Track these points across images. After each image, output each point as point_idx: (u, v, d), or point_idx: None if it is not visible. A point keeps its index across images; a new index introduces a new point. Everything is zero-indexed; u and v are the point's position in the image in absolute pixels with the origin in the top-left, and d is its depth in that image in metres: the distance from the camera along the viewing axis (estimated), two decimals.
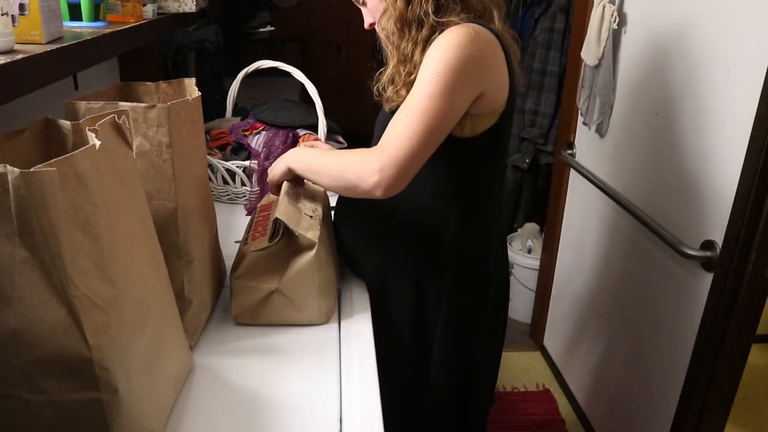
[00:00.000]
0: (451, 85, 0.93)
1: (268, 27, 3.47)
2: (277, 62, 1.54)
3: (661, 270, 1.58)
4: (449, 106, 0.94)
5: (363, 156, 0.96)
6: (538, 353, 2.47)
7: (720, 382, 1.39)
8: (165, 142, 0.84)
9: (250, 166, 1.49)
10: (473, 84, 0.96)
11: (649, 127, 1.63)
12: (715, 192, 1.36)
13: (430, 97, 0.92)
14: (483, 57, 0.95)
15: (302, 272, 0.98)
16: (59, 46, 0.84)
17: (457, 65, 0.92)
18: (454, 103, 0.94)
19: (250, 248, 1.00)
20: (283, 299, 1.00)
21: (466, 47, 0.93)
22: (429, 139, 0.93)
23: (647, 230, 1.58)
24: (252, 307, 1.00)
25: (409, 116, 0.93)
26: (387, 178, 0.92)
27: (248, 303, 1.00)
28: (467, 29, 0.94)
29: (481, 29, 0.96)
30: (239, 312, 1.01)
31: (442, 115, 0.93)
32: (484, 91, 0.97)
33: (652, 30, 1.61)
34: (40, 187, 0.55)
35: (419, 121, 0.92)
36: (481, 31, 0.96)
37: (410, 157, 0.92)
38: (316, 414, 0.84)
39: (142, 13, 1.30)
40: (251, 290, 0.99)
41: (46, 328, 0.58)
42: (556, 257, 2.31)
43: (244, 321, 1.02)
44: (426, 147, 0.94)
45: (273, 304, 1.00)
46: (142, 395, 0.70)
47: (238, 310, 1.01)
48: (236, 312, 1.01)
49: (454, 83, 0.93)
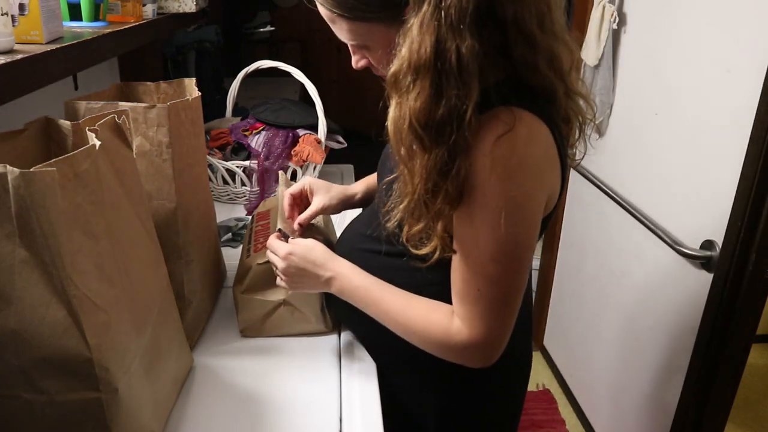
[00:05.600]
0: (519, 231, 0.71)
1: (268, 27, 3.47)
2: (277, 62, 1.54)
3: (661, 270, 1.58)
4: (524, 255, 0.74)
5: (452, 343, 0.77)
6: (538, 353, 2.47)
7: (720, 382, 1.39)
8: (165, 142, 0.84)
9: (250, 166, 1.49)
10: (540, 206, 0.73)
11: (649, 127, 1.62)
12: (715, 192, 1.36)
13: (498, 261, 0.71)
14: (540, 168, 0.71)
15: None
16: (59, 46, 0.84)
17: (521, 202, 0.69)
18: (529, 244, 0.73)
19: (255, 261, 0.98)
20: (290, 311, 0.98)
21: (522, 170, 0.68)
22: (514, 297, 0.75)
23: (647, 230, 1.58)
24: (259, 320, 0.99)
25: (482, 290, 0.73)
26: (493, 357, 0.78)
27: (255, 316, 0.99)
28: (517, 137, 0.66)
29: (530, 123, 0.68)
30: (246, 326, 1.00)
31: (520, 269, 0.74)
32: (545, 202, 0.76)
33: (652, 30, 1.61)
34: (40, 187, 0.55)
35: (499, 291, 0.73)
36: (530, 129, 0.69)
37: (506, 327, 0.76)
38: (316, 414, 0.84)
39: (142, 13, 1.30)
40: (258, 303, 0.98)
41: (46, 328, 0.58)
42: (556, 257, 2.31)
43: (250, 335, 1.00)
44: (514, 304, 0.76)
45: (281, 316, 0.98)
46: (142, 395, 0.70)
47: (245, 324, 0.99)
48: (243, 326, 1.00)
49: (522, 227, 0.71)
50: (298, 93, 2.71)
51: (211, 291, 1.04)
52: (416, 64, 0.65)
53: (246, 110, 1.73)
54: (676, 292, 1.52)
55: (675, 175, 1.51)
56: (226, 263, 1.16)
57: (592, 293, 2.00)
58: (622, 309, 1.80)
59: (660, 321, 1.59)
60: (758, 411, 2.17)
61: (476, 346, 0.76)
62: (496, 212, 0.68)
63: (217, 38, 2.21)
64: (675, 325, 1.52)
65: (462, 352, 0.78)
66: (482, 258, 0.72)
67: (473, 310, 0.75)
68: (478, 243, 0.71)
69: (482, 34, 0.64)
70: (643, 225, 1.59)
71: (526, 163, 0.68)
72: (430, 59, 0.64)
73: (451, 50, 0.63)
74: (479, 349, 0.76)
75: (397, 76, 0.67)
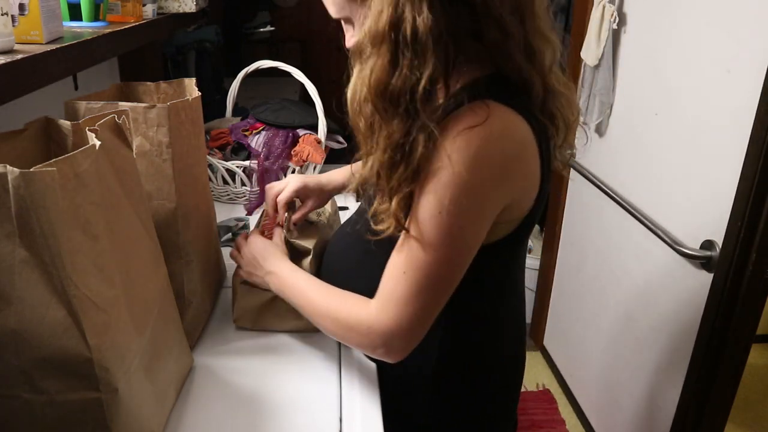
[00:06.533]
0: (463, 224, 0.69)
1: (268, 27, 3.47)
2: (277, 62, 1.54)
3: (661, 270, 1.58)
4: (461, 250, 0.72)
5: (360, 325, 0.76)
6: (538, 353, 2.47)
7: (720, 382, 1.39)
8: (165, 142, 0.84)
9: (250, 166, 1.49)
10: (493, 208, 0.72)
11: (649, 127, 1.62)
12: (715, 192, 1.36)
13: (431, 247, 0.69)
14: (507, 169, 0.70)
15: None
16: (59, 46, 0.84)
17: (471, 196, 0.68)
18: (468, 242, 0.72)
19: None
20: (283, 304, 0.99)
21: (482, 166, 0.67)
22: (436, 295, 0.73)
23: (647, 230, 1.58)
24: (253, 310, 1.00)
25: (406, 274, 0.71)
26: (395, 351, 0.75)
27: (249, 307, 1.00)
28: (486, 133, 0.66)
29: (506, 119, 0.68)
30: (240, 315, 1.01)
31: (453, 262, 0.72)
32: (507, 204, 0.73)
33: (652, 30, 1.61)
34: (40, 187, 0.55)
35: (420, 279, 0.71)
36: (505, 126, 0.68)
37: (416, 323, 0.73)
38: (316, 414, 0.84)
39: (142, 13, 1.30)
40: (255, 294, 0.99)
41: (46, 328, 0.58)
42: (556, 257, 2.31)
43: (244, 325, 1.01)
44: (434, 304, 0.74)
45: (275, 309, 1.00)
46: (142, 395, 0.70)
47: (239, 313, 1.01)
48: (237, 315, 1.01)
49: (467, 220, 0.69)
50: (298, 93, 2.71)
51: (211, 291, 1.04)
52: (374, 33, 0.67)
53: (246, 110, 1.73)
54: (676, 292, 1.52)
55: (675, 175, 1.51)
56: (226, 263, 1.16)
57: (592, 293, 2.00)
58: (622, 309, 1.80)
59: (660, 321, 1.59)
60: (758, 411, 2.18)
61: (384, 332, 0.73)
62: (444, 198, 0.67)
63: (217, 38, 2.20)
64: (675, 325, 1.52)
65: (366, 336, 0.75)
66: (419, 241, 0.70)
67: (392, 292, 0.73)
68: (419, 224, 0.70)
69: (448, 11, 0.65)
70: (643, 225, 1.60)
71: (491, 158, 0.68)
72: (387, 29, 0.66)
73: (407, 21, 0.65)
74: (383, 335, 0.74)
75: (359, 47, 0.69)
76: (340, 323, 0.80)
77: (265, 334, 1.01)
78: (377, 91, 0.68)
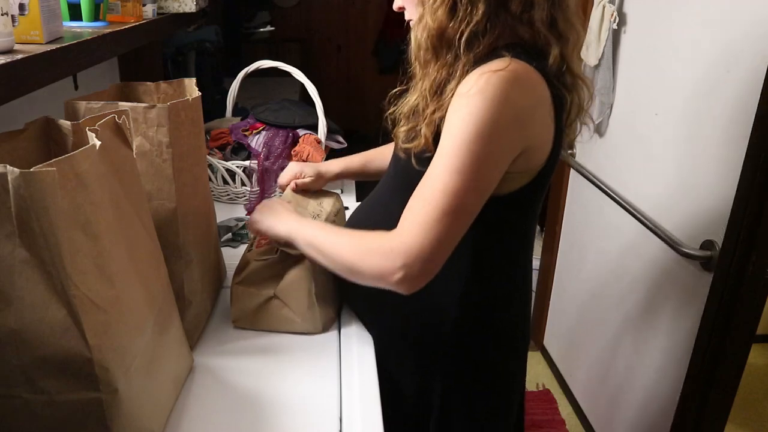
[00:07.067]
0: (483, 156, 0.76)
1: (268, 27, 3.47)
2: (277, 62, 1.54)
3: (661, 270, 1.58)
4: (480, 182, 0.78)
5: (382, 247, 0.79)
6: (538, 353, 2.47)
7: (720, 382, 1.39)
8: (165, 142, 0.84)
9: (250, 166, 1.49)
10: (512, 147, 0.79)
11: (649, 127, 1.62)
12: (715, 192, 1.36)
13: (456, 172, 0.76)
14: (525, 112, 0.79)
15: (296, 280, 0.98)
16: (59, 46, 0.84)
17: (492, 129, 0.75)
18: (487, 176, 0.78)
19: (254, 256, 1.01)
20: (280, 306, 1.00)
21: (504, 102, 0.75)
22: (458, 222, 0.78)
23: (647, 230, 1.58)
24: (251, 311, 1.01)
25: (430, 199, 0.77)
26: (413, 275, 0.77)
27: (247, 308, 1.01)
28: (507, 76, 0.76)
29: (526, 71, 0.78)
30: (238, 316, 1.02)
31: (472, 192, 0.77)
32: (523, 149, 0.81)
33: (652, 30, 1.61)
34: (40, 187, 0.55)
35: (444, 204, 0.76)
36: (524, 76, 0.78)
37: (437, 248, 0.77)
38: (316, 414, 0.84)
39: (142, 13, 1.30)
40: (251, 295, 1.00)
41: (46, 328, 0.59)
42: (556, 257, 2.31)
43: (242, 326, 1.02)
44: (456, 231, 0.78)
45: (271, 310, 1.01)
46: (142, 395, 0.70)
47: (237, 314, 1.02)
48: (235, 316, 1.02)
49: (487, 152, 0.76)
50: (298, 93, 2.71)
51: (211, 291, 1.04)
52: None
53: (246, 110, 1.73)
54: (676, 292, 1.52)
55: (675, 174, 1.51)
56: (226, 263, 1.16)
57: (592, 293, 2.00)
58: (622, 309, 1.80)
59: (660, 321, 1.59)
60: (758, 411, 2.18)
61: (406, 252, 0.77)
62: (470, 126, 0.76)
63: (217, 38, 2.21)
64: (675, 325, 1.52)
65: (386, 256, 0.78)
66: (444, 166, 0.77)
67: (417, 215, 0.78)
68: (446, 152, 0.77)
69: None
70: (643, 225, 1.60)
71: (511, 98, 0.76)
72: None
73: None
74: (405, 256, 0.77)
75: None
76: (359, 248, 0.84)
77: (265, 334, 1.01)
78: (437, 34, 0.81)
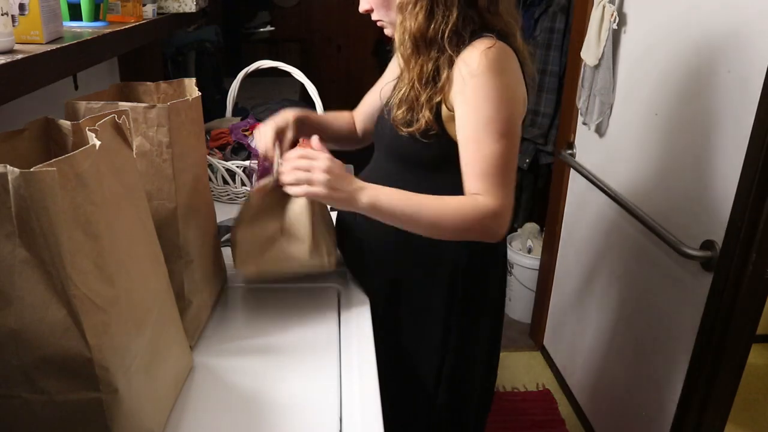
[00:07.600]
0: (513, 116, 0.95)
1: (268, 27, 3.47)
2: (277, 62, 1.54)
3: (661, 270, 1.58)
4: (517, 136, 0.97)
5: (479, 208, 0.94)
6: (538, 353, 2.47)
7: (720, 382, 1.39)
8: (165, 142, 0.84)
9: (250, 166, 1.49)
10: (524, 101, 0.99)
11: (649, 127, 1.63)
12: (715, 192, 1.36)
13: (503, 137, 0.94)
14: (519, 74, 0.98)
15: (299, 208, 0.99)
16: (59, 46, 0.84)
17: (509, 93, 0.94)
18: (518, 130, 0.98)
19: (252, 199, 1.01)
20: (287, 237, 0.99)
21: (506, 69, 0.94)
22: (514, 173, 0.98)
23: (647, 230, 1.58)
24: (255, 249, 0.99)
25: (495, 164, 0.94)
26: (503, 226, 0.96)
27: (251, 245, 0.99)
28: (499, 49, 0.93)
29: (505, 46, 0.96)
30: (243, 259, 1.00)
31: (515, 147, 0.97)
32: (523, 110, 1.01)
33: (652, 30, 1.61)
34: (40, 187, 0.55)
35: (506, 164, 0.95)
36: (508, 48, 0.96)
37: (512, 198, 0.97)
38: (316, 414, 0.84)
39: (142, 13, 1.30)
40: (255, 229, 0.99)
41: (46, 328, 0.59)
42: (556, 257, 2.31)
43: (248, 271, 1.00)
44: (514, 181, 0.98)
45: (278, 246, 0.99)
46: (142, 395, 0.70)
47: (243, 257, 1.00)
48: (240, 259, 1.00)
49: (513, 111, 0.95)
50: (298, 93, 2.71)
51: (211, 291, 1.04)
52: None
53: (246, 110, 1.73)
54: (676, 292, 1.52)
55: (675, 175, 1.51)
56: (226, 263, 1.16)
57: (592, 293, 2.00)
58: (622, 309, 1.80)
59: (660, 321, 1.59)
60: (758, 411, 2.18)
61: (499, 212, 0.94)
62: (494, 99, 0.92)
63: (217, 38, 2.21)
64: (675, 325, 1.52)
65: (490, 221, 0.94)
66: (490, 138, 0.93)
67: (492, 181, 0.94)
68: (485, 128, 0.93)
69: None
70: (643, 225, 1.60)
71: (509, 65, 0.95)
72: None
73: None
74: (500, 215, 0.95)
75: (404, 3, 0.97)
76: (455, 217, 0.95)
77: (266, 333, 1.01)
78: (419, 35, 0.96)
